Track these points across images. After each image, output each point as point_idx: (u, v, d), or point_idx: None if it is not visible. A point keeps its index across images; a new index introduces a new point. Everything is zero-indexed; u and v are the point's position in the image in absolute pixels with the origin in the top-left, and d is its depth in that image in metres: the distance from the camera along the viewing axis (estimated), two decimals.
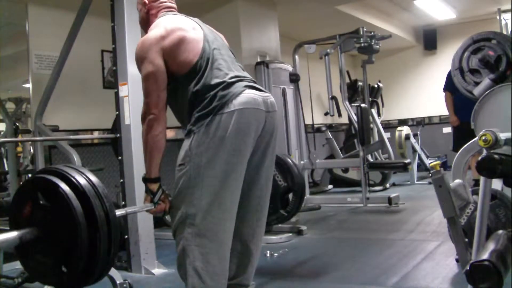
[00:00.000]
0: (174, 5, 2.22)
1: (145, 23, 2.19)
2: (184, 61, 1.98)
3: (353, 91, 7.40)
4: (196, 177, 1.91)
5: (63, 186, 1.53)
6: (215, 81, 1.95)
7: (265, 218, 2.18)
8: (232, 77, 1.98)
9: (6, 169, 4.46)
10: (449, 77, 3.53)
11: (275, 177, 3.28)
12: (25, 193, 1.63)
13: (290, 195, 3.46)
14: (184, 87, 1.98)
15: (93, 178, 1.59)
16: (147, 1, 2.18)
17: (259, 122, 1.99)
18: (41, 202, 1.55)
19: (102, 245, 1.52)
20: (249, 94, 1.97)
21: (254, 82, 2.08)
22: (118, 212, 1.83)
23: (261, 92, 2.04)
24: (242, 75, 2.05)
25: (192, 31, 2.05)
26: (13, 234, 1.53)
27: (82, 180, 1.56)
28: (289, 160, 3.42)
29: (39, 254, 1.57)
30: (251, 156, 2.02)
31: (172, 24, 2.04)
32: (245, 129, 1.93)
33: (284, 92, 5.07)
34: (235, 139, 1.91)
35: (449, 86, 4.97)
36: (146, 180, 2.00)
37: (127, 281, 2.51)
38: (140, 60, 1.99)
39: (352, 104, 6.63)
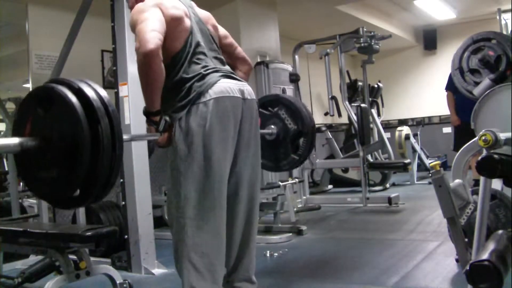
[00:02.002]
0: None
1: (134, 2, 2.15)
2: (170, 45, 1.97)
3: (353, 91, 7.40)
4: (181, 167, 1.94)
5: (62, 89, 1.51)
6: (191, 74, 1.98)
7: (258, 206, 2.19)
8: (208, 69, 2.01)
9: (6, 169, 4.45)
10: (451, 76, 3.52)
11: (285, 120, 3.18)
12: (26, 105, 1.60)
13: (301, 140, 3.33)
14: (166, 75, 1.95)
15: (94, 84, 1.58)
16: None
17: (236, 109, 2.01)
18: (40, 111, 1.52)
19: (105, 140, 1.48)
20: (224, 83, 1.99)
21: (232, 73, 2.11)
22: (125, 136, 1.76)
23: (237, 81, 2.07)
24: (219, 66, 2.07)
25: (185, 17, 2.04)
26: (15, 140, 1.51)
27: (81, 84, 1.56)
28: (298, 102, 3.31)
29: (41, 166, 1.54)
30: (236, 146, 2.03)
31: (167, 1, 2.02)
32: (223, 116, 1.95)
33: (284, 92, 5.07)
34: (214, 127, 1.93)
35: (451, 86, 4.97)
36: (148, 113, 1.96)
37: (127, 281, 2.50)
38: (136, 15, 1.95)
39: (352, 104, 6.63)
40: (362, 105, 5.56)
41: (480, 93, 2.67)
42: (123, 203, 3.24)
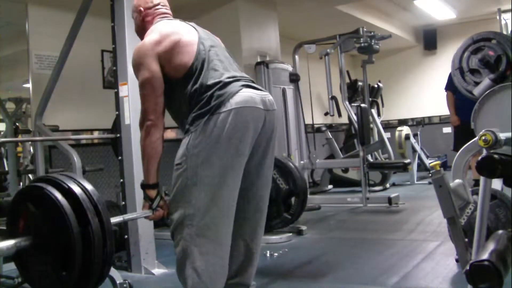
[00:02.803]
0: (169, 11, 2.23)
1: (141, 31, 2.20)
2: (180, 64, 1.98)
3: (353, 91, 7.40)
4: (193, 177, 1.91)
5: (52, 190, 1.55)
6: (211, 81, 1.95)
7: (265, 217, 2.18)
8: (228, 77, 1.98)
9: (6, 169, 4.45)
10: (451, 76, 3.53)
11: (277, 180, 3.28)
12: (19, 202, 1.65)
13: (293, 199, 3.45)
14: (181, 90, 1.98)
15: (83, 182, 1.61)
16: (142, 9, 2.18)
17: (257, 121, 1.98)
18: (32, 210, 1.57)
19: (96, 244, 1.53)
20: (246, 93, 1.96)
21: (252, 81, 2.08)
22: (116, 219, 1.85)
23: (259, 91, 2.03)
24: (239, 75, 2.04)
25: (187, 34, 2.05)
26: (9, 242, 1.56)
27: (70, 184, 1.58)
28: (289, 162, 3.42)
29: (36, 262, 1.59)
30: (251, 155, 2.01)
31: (167, 28, 2.05)
32: (242, 128, 1.92)
33: (284, 92, 5.07)
34: (232, 138, 1.90)
35: (451, 86, 4.97)
36: (144, 186, 2.01)
37: (127, 281, 2.51)
38: (137, 67, 2.00)
39: (352, 104, 6.63)
40: (362, 105, 5.56)
41: (480, 93, 2.67)
42: (123, 203, 3.24)
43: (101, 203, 1.59)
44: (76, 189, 1.57)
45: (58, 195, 1.54)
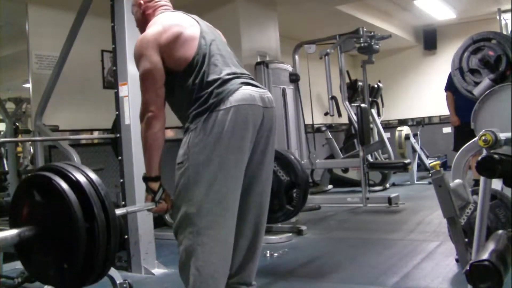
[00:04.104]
0: (169, 3, 2.22)
1: (142, 24, 2.19)
2: (181, 57, 1.97)
3: (353, 91, 7.40)
4: (194, 175, 1.91)
5: (59, 181, 1.52)
6: (211, 77, 1.95)
7: (266, 214, 2.18)
8: (228, 74, 1.98)
9: (6, 169, 4.45)
10: (451, 77, 3.53)
11: (277, 172, 3.25)
12: (23, 191, 1.62)
13: (294, 191, 3.41)
14: (182, 84, 1.97)
15: (91, 174, 1.58)
16: (142, 2, 2.17)
17: (256, 118, 1.98)
18: (37, 199, 1.54)
19: (101, 240, 1.50)
20: (246, 90, 1.96)
21: (251, 78, 2.08)
22: (119, 211, 1.83)
23: (258, 88, 2.03)
24: (238, 71, 2.04)
25: (189, 27, 2.04)
26: (12, 232, 1.53)
27: (78, 175, 1.55)
28: (290, 154, 3.39)
29: (39, 253, 1.57)
30: (251, 153, 2.01)
31: (169, 20, 2.04)
32: (242, 125, 1.92)
33: (284, 92, 5.07)
34: (232, 135, 1.90)
35: (451, 86, 4.97)
36: (146, 179, 2.00)
37: (127, 281, 2.51)
38: (138, 58, 1.99)
39: (352, 104, 6.63)
40: (362, 105, 5.56)
41: (480, 93, 2.67)
42: (123, 203, 3.24)
43: (108, 198, 1.56)
44: (84, 182, 1.54)
45: (66, 187, 1.51)
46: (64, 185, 1.52)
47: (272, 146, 2.12)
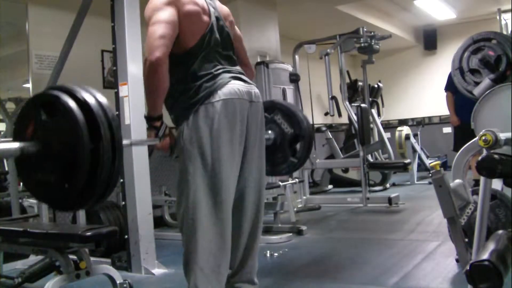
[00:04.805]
0: None
1: None
2: (185, 40, 1.97)
3: (353, 91, 7.40)
4: (189, 169, 1.94)
5: (67, 99, 1.48)
6: (202, 72, 1.97)
7: (263, 209, 2.20)
8: (218, 68, 2.01)
9: (6, 169, 4.45)
10: (451, 77, 3.54)
11: (281, 125, 3.19)
12: (30, 108, 1.58)
13: (299, 144, 3.36)
14: (176, 71, 1.97)
15: (100, 96, 1.54)
16: None
17: (243, 112, 2.01)
18: (43, 117, 1.50)
19: (105, 161, 1.46)
20: (234, 85, 2.00)
21: (242, 73, 2.11)
22: (124, 141, 1.74)
23: (247, 84, 2.07)
24: (229, 68, 2.06)
25: (202, 14, 2.03)
26: (15, 144, 1.50)
27: (87, 96, 1.50)
28: (293, 106, 3.34)
29: (40, 170, 1.53)
30: (242, 149, 2.04)
31: None
32: (231, 118, 1.96)
33: (284, 92, 5.08)
34: (222, 128, 1.94)
35: (451, 86, 4.97)
36: (149, 118, 1.98)
37: (127, 281, 2.50)
38: (150, 12, 1.94)
39: (352, 104, 6.63)
40: (362, 105, 5.56)
41: (480, 93, 2.67)
42: (123, 203, 3.24)
43: (115, 120, 1.52)
44: (92, 102, 1.49)
45: (73, 105, 1.46)
46: (72, 103, 1.47)
47: (260, 141, 2.14)
